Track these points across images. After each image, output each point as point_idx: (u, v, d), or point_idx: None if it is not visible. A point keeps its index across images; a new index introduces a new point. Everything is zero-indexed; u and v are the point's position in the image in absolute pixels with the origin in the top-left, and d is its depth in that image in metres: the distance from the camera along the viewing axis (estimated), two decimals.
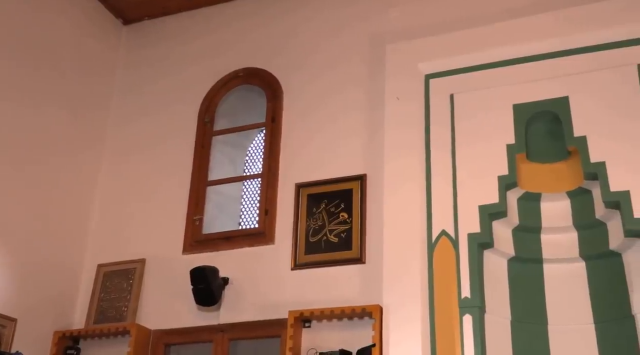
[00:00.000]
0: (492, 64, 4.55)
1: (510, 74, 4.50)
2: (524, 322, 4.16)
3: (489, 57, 4.56)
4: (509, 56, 4.52)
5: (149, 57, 5.89)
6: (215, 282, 4.63)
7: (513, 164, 4.29)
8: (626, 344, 3.96)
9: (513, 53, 4.52)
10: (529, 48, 4.49)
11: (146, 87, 5.78)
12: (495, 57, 4.55)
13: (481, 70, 4.58)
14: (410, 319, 4.06)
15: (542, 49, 4.47)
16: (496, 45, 4.56)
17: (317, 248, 4.61)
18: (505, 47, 4.54)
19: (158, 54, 5.86)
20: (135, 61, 5.95)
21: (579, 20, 4.42)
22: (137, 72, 5.89)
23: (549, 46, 4.46)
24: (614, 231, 4.12)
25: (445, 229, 4.26)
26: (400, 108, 4.63)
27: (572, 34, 4.42)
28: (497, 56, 4.55)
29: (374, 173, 4.63)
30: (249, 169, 5.67)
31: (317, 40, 5.27)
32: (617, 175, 4.04)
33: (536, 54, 4.48)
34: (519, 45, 4.52)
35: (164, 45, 5.87)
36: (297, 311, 4.34)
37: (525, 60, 4.49)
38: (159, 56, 5.84)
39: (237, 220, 5.45)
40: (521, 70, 4.48)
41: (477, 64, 4.59)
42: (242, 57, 5.48)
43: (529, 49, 4.49)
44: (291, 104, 5.16)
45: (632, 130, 4.11)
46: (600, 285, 4.15)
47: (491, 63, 4.56)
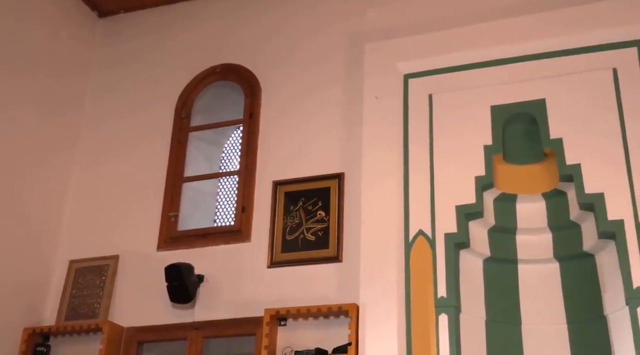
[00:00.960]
0: (471, 65, 4.58)
1: (489, 75, 4.53)
2: (498, 322, 4.20)
3: (468, 58, 4.59)
4: (487, 57, 4.56)
5: (125, 51, 5.81)
6: (190, 279, 4.59)
7: (490, 164, 4.32)
8: (598, 344, 4.02)
9: (491, 54, 4.55)
10: (507, 50, 4.53)
11: (122, 82, 5.69)
12: (474, 58, 4.58)
13: (460, 71, 4.60)
14: (386, 317, 4.07)
15: (519, 51, 4.51)
16: (475, 47, 4.59)
17: (294, 246, 4.59)
18: (484, 48, 4.57)
19: (134, 48, 5.78)
20: (111, 55, 5.86)
21: (556, 24, 4.47)
22: (113, 66, 5.80)
23: (526, 48, 4.50)
24: (587, 233, 4.18)
25: (422, 228, 4.28)
26: (378, 107, 4.64)
27: (550, 36, 4.47)
28: (475, 57, 4.58)
29: (351, 172, 4.63)
30: (225, 166, 5.64)
31: (295, 37, 5.25)
32: (591, 178, 4.09)
33: (514, 56, 4.51)
34: (497, 47, 4.55)
35: (140, 40, 5.79)
36: (273, 309, 4.32)
37: (503, 62, 4.53)
38: (136, 50, 5.76)
39: (213, 218, 5.41)
40: (499, 72, 4.52)
41: (455, 65, 4.62)
42: (219, 53, 5.43)
43: (507, 50, 4.53)
44: (269, 101, 5.13)
45: (607, 133, 4.17)
46: (574, 285, 4.20)
47: (470, 64, 4.59)
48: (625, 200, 3.99)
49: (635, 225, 3.92)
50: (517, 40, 4.53)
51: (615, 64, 4.33)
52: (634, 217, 3.95)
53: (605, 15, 4.40)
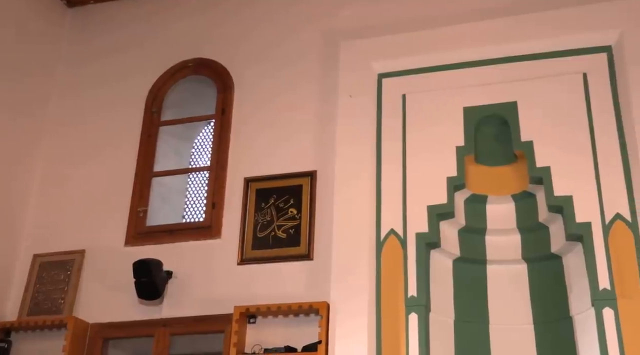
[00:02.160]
0: (444, 66, 4.62)
1: (462, 76, 4.57)
2: (466, 322, 4.24)
3: (442, 59, 4.62)
4: (460, 59, 4.59)
5: (95, 42, 5.70)
6: (159, 275, 4.53)
7: (462, 165, 4.36)
8: (564, 344, 4.09)
9: (465, 56, 4.59)
10: (481, 52, 4.57)
11: (92, 74, 5.57)
12: (448, 60, 4.61)
13: (433, 71, 4.63)
14: (356, 316, 4.07)
15: (493, 54, 4.56)
16: (449, 48, 4.62)
17: (265, 243, 4.57)
18: (458, 50, 4.61)
19: (105, 40, 5.67)
20: (80, 46, 5.75)
21: (529, 28, 4.53)
22: (83, 58, 5.68)
23: (499, 51, 4.55)
24: (555, 235, 4.24)
25: (393, 227, 4.29)
26: (352, 106, 4.63)
27: (522, 40, 4.52)
28: (449, 59, 4.61)
29: (324, 170, 4.62)
30: (195, 162, 5.58)
31: (270, 34, 5.21)
32: (561, 181, 4.16)
33: (487, 59, 4.56)
34: (470, 49, 4.59)
35: (111, 32, 5.69)
36: (243, 306, 4.29)
37: (477, 64, 4.57)
38: (106, 42, 5.66)
39: (181, 213, 5.35)
40: (472, 74, 4.56)
41: (429, 66, 4.64)
42: (192, 47, 5.37)
43: (480, 53, 4.57)
44: (242, 97, 5.09)
45: (576, 137, 4.24)
46: (541, 287, 4.26)
47: (443, 65, 4.62)
48: (593, 203, 4.06)
49: (603, 228, 4.00)
50: (490, 42, 4.57)
51: (586, 69, 4.41)
52: (601, 220, 4.02)
53: (576, 20, 4.47)
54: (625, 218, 3.99)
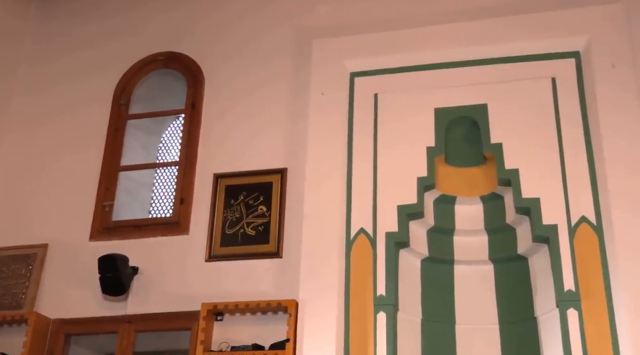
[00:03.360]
0: (417, 66, 4.64)
1: (434, 78, 4.60)
2: (433, 321, 4.27)
3: (414, 59, 4.65)
4: (432, 60, 4.62)
5: (61, 31, 5.59)
6: (124, 271, 4.47)
7: (432, 166, 4.38)
8: (528, 344, 4.14)
9: (437, 58, 4.62)
10: (452, 54, 4.60)
11: (59, 62, 5.48)
12: (420, 61, 4.64)
13: (406, 72, 4.65)
14: (325, 314, 4.07)
15: (464, 56, 4.59)
16: (421, 49, 4.65)
17: (234, 240, 4.54)
18: (430, 51, 4.63)
19: (72, 28, 5.57)
20: (46, 34, 5.63)
21: (500, 31, 4.57)
22: (48, 46, 5.58)
23: (471, 53, 4.59)
24: (522, 236, 4.30)
25: (363, 226, 4.30)
26: (324, 105, 4.63)
27: (494, 43, 4.57)
28: (421, 59, 4.64)
29: (295, 168, 4.61)
30: (162, 156, 5.51)
31: (243, 30, 5.17)
32: (529, 183, 4.21)
33: (459, 61, 4.59)
34: (442, 51, 4.62)
35: (79, 19, 5.58)
36: (211, 304, 4.25)
37: (448, 65, 4.60)
38: (74, 31, 5.56)
39: (148, 208, 5.28)
40: (444, 75, 4.59)
41: (402, 66, 4.66)
42: (163, 40, 5.30)
43: (452, 54, 4.60)
44: (213, 92, 5.05)
45: (545, 140, 4.30)
46: (507, 287, 4.31)
47: (415, 66, 4.64)
48: (559, 206, 4.13)
49: (568, 230, 4.07)
50: (461, 45, 4.61)
51: (555, 73, 4.47)
52: (567, 222, 4.09)
53: (546, 26, 4.53)
54: (590, 221, 4.07)
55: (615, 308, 3.85)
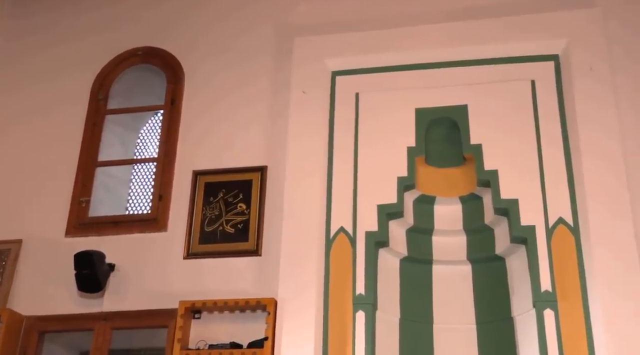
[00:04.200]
0: (398, 66, 4.65)
1: (415, 78, 4.61)
2: (411, 321, 4.28)
3: (396, 59, 4.65)
4: (414, 61, 4.63)
5: (38, 24, 5.49)
6: (101, 267, 4.42)
7: (412, 166, 4.40)
8: (505, 344, 4.17)
9: (418, 58, 4.63)
10: (434, 54, 4.62)
11: (35, 56, 5.39)
12: (401, 61, 4.65)
13: (387, 71, 4.66)
14: (304, 313, 4.07)
15: (445, 57, 4.61)
16: (403, 49, 4.66)
17: (212, 238, 4.51)
18: (411, 51, 4.65)
19: (49, 22, 5.48)
20: (22, 26, 5.53)
21: (481, 33, 4.60)
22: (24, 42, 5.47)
23: (452, 54, 4.61)
24: (500, 237, 4.33)
25: (343, 225, 4.30)
26: (305, 103, 4.62)
27: (475, 45, 4.59)
28: (403, 60, 4.65)
29: (275, 166, 4.60)
30: (140, 152, 5.46)
31: (224, 26, 5.13)
32: (507, 184, 4.25)
33: (440, 61, 4.61)
34: (424, 51, 4.64)
35: (57, 13, 5.49)
36: (189, 301, 4.22)
37: (430, 66, 4.62)
38: (51, 24, 5.46)
39: (125, 205, 5.23)
40: (425, 76, 4.61)
41: (383, 66, 4.67)
42: (142, 34, 5.24)
43: (433, 55, 4.62)
44: (192, 88, 5.01)
45: (524, 142, 4.34)
46: (484, 287, 4.34)
47: (397, 66, 4.65)
48: (537, 207, 4.17)
49: (546, 232, 4.11)
50: (443, 45, 4.63)
51: (534, 76, 4.51)
52: (544, 223, 4.13)
53: (526, 29, 4.57)
54: (567, 222, 4.11)
55: (591, 309, 3.90)
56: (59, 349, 4.77)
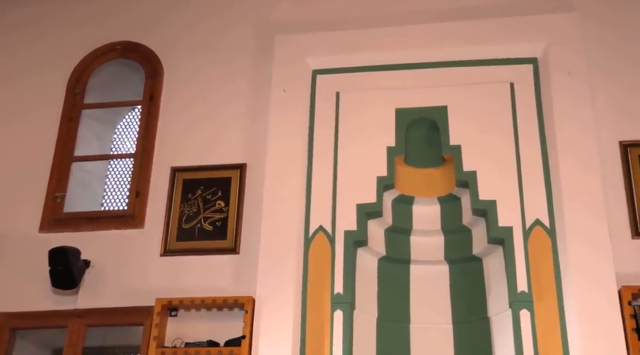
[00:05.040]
0: (379, 66, 4.65)
1: (395, 78, 4.62)
2: (388, 320, 4.29)
3: (377, 59, 4.66)
4: (395, 61, 4.64)
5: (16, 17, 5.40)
6: (76, 264, 4.36)
7: (392, 166, 4.41)
8: (480, 344, 4.20)
9: (399, 58, 4.64)
10: (415, 55, 4.63)
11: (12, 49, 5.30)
12: (382, 60, 4.65)
13: (368, 71, 4.66)
14: (282, 312, 4.05)
15: (426, 58, 4.62)
16: (384, 49, 4.66)
17: (190, 235, 4.48)
18: (392, 51, 4.66)
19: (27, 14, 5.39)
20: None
21: (461, 35, 4.63)
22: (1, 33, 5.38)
23: (432, 55, 4.62)
24: (478, 237, 4.36)
25: (322, 224, 4.30)
26: (285, 101, 4.60)
27: (455, 46, 4.61)
28: (384, 59, 4.65)
29: (254, 163, 4.58)
30: (116, 148, 5.40)
31: (205, 23, 5.10)
32: (486, 185, 4.27)
33: (421, 62, 4.62)
34: (405, 51, 4.65)
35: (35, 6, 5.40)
36: (165, 299, 4.19)
37: (410, 66, 4.63)
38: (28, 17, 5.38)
39: (100, 201, 5.17)
40: (406, 76, 4.62)
41: (364, 65, 4.67)
42: (121, 29, 5.18)
43: (414, 55, 4.63)
44: (172, 84, 4.96)
45: (502, 144, 4.37)
46: (461, 288, 4.37)
47: (378, 65, 4.66)
48: (515, 208, 4.20)
49: (523, 233, 4.14)
50: (424, 46, 4.64)
51: (513, 78, 4.55)
52: (522, 224, 4.16)
53: (506, 32, 4.60)
54: (544, 224, 4.16)
55: (566, 310, 3.94)
56: (31, 347, 4.70)
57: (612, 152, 4.32)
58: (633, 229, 4.14)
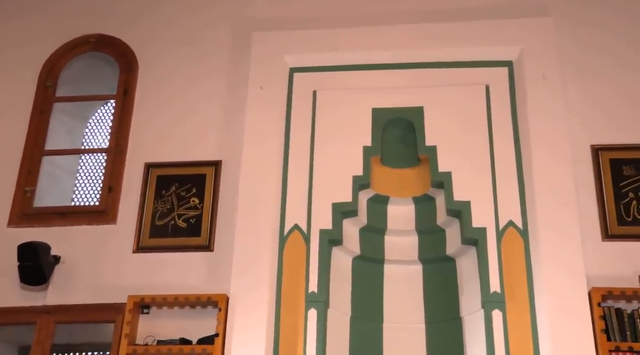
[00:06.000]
0: (357, 66, 4.66)
1: (373, 78, 4.64)
2: (361, 319, 4.30)
3: (354, 59, 4.67)
4: (372, 61, 4.66)
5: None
6: (46, 260, 4.28)
7: (368, 165, 4.42)
8: (453, 343, 4.23)
9: (376, 58, 4.66)
10: (392, 55, 4.65)
11: None
12: (360, 60, 4.66)
13: (345, 70, 4.67)
14: (256, 310, 4.04)
15: (403, 58, 4.64)
16: (361, 49, 4.67)
17: (164, 232, 4.43)
18: (370, 51, 4.67)
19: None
20: None
21: (439, 37, 4.66)
22: None
23: (410, 56, 4.65)
24: (451, 238, 4.40)
25: (297, 223, 4.29)
26: (262, 99, 4.58)
27: (432, 48, 4.64)
28: (361, 59, 4.67)
29: (229, 160, 4.55)
30: (88, 142, 5.32)
31: (181, 18, 5.06)
32: (460, 186, 4.31)
33: (398, 63, 4.64)
34: (382, 52, 4.66)
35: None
36: (138, 296, 4.14)
37: (388, 67, 4.65)
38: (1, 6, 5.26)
39: (70, 196, 5.08)
40: (383, 76, 4.63)
41: (341, 64, 4.68)
42: (96, 22, 5.11)
43: (392, 56, 4.65)
44: (147, 79, 4.91)
45: (477, 145, 4.41)
46: (434, 287, 4.39)
47: (355, 65, 4.67)
48: (489, 209, 4.25)
49: (496, 234, 4.18)
50: (401, 47, 4.66)
51: (488, 81, 4.60)
52: (495, 225, 4.21)
53: (482, 35, 4.65)
54: (517, 225, 4.20)
55: (537, 310, 3.99)
56: None
57: (584, 156, 4.39)
58: (603, 232, 4.20)
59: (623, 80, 4.55)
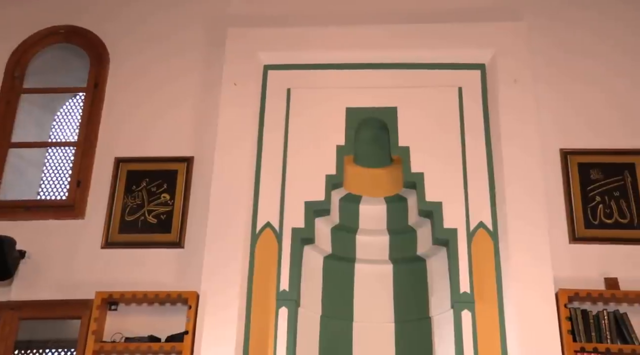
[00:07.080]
0: (331, 65, 4.66)
1: (347, 77, 4.64)
2: (332, 318, 4.31)
3: (329, 57, 4.66)
4: (347, 60, 4.66)
5: None
6: (11, 254, 4.19)
7: (341, 164, 4.42)
8: (421, 342, 4.26)
9: (351, 57, 4.66)
10: (367, 55, 4.66)
11: None
12: (335, 59, 4.66)
13: (320, 69, 4.66)
14: (226, 308, 4.01)
15: (378, 59, 4.65)
16: (336, 48, 4.67)
17: (133, 228, 4.38)
18: (345, 51, 4.67)
19: None
20: None
21: (413, 38, 4.68)
22: None
23: (384, 57, 4.66)
24: (422, 238, 4.43)
25: (270, 221, 4.28)
26: (236, 96, 4.55)
27: (406, 49, 4.66)
28: (336, 58, 4.66)
29: (202, 157, 4.51)
30: (55, 135, 5.22)
31: (156, 12, 5.00)
32: (432, 187, 4.34)
33: (372, 63, 4.65)
34: (357, 51, 4.67)
35: None
36: (106, 292, 4.08)
37: (362, 66, 4.65)
38: None
39: (36, 189, 4.98)
40: (357, 76, 4.64)
41: (316, 63, 4.66)
42: (66, 12, 5.02)
43: (366, 56, 4.66)
44: (118, 73, 4.84)
45: (450, 146, 4.45)
46: (404, 287, 4.42)
47: (330, 64, 4.66)
48: (460, 211, 4.28)
49: (467, 235, 4.22)
50: (375, 47, 4.67)
51: (461, 83, 4.64)
52: (466, 226, 4.25)
53: (456, 37, 4.68)
54: (487, 227, 4.25)
55: (505, 310, 4.04)
56: None
57: (553, 159, 4.46)
58: (571, 234, 4.28)
59: (595, 84, 4.64)
